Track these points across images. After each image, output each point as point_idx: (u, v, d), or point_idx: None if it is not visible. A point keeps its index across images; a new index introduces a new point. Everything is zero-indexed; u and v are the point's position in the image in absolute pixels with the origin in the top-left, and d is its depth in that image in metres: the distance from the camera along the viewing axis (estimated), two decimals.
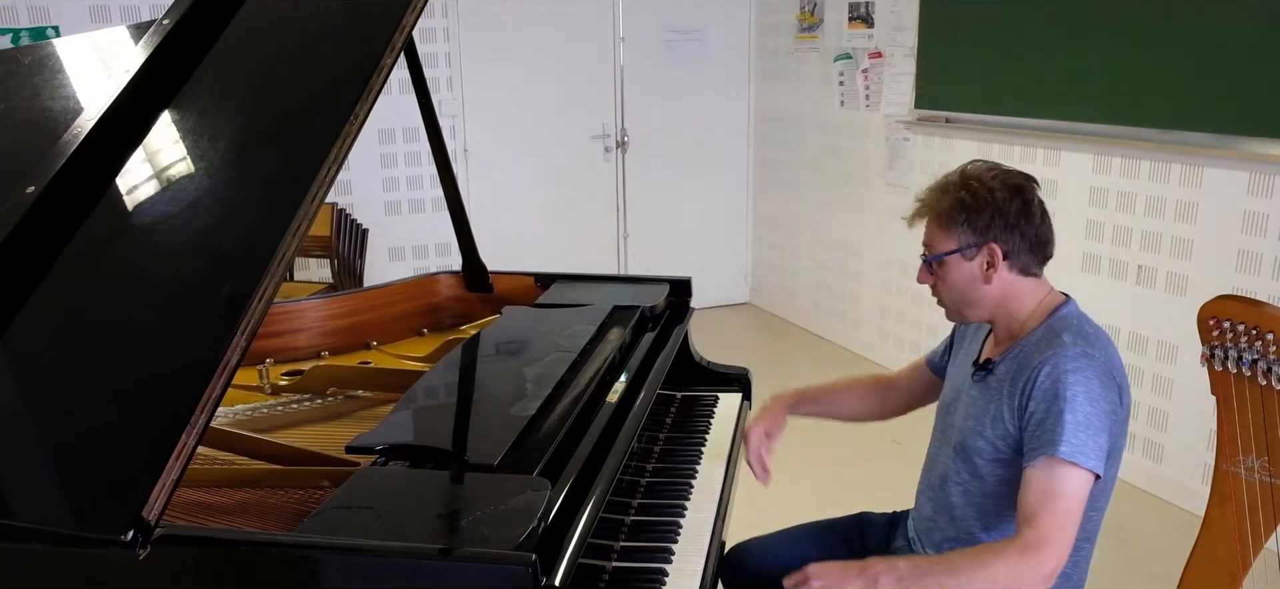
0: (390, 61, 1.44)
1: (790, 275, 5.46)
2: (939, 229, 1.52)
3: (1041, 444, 1.41)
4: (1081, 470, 1.39)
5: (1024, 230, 1.49)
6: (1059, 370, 1.42)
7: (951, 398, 1.67)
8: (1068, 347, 1.43)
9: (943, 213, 1.51)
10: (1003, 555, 1.39)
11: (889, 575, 1.41)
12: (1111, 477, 1.51)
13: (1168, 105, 3.13)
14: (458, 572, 1.09)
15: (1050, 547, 1.37)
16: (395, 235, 4.92)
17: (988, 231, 1.48)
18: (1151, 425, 3.34)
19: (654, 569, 1.49)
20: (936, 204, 1.52)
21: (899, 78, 4.36)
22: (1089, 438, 1.39)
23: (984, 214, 1.48)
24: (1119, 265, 3.40)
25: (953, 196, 1.50)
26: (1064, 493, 1.39)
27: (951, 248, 1.51)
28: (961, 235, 1.50)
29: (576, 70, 5.16)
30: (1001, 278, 1.50)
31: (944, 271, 1.53)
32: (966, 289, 1.52)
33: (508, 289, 2.35)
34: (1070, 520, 1.39)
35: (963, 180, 1.51)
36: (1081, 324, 1.49)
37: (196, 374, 1.12)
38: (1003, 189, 1.48)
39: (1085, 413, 1.39)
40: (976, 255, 1.50)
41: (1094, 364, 1.42)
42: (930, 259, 1.54)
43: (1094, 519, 1.52)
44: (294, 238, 1.25)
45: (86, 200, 1.37)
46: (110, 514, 1.05)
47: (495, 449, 1.35)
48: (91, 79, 1.57)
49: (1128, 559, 2.91)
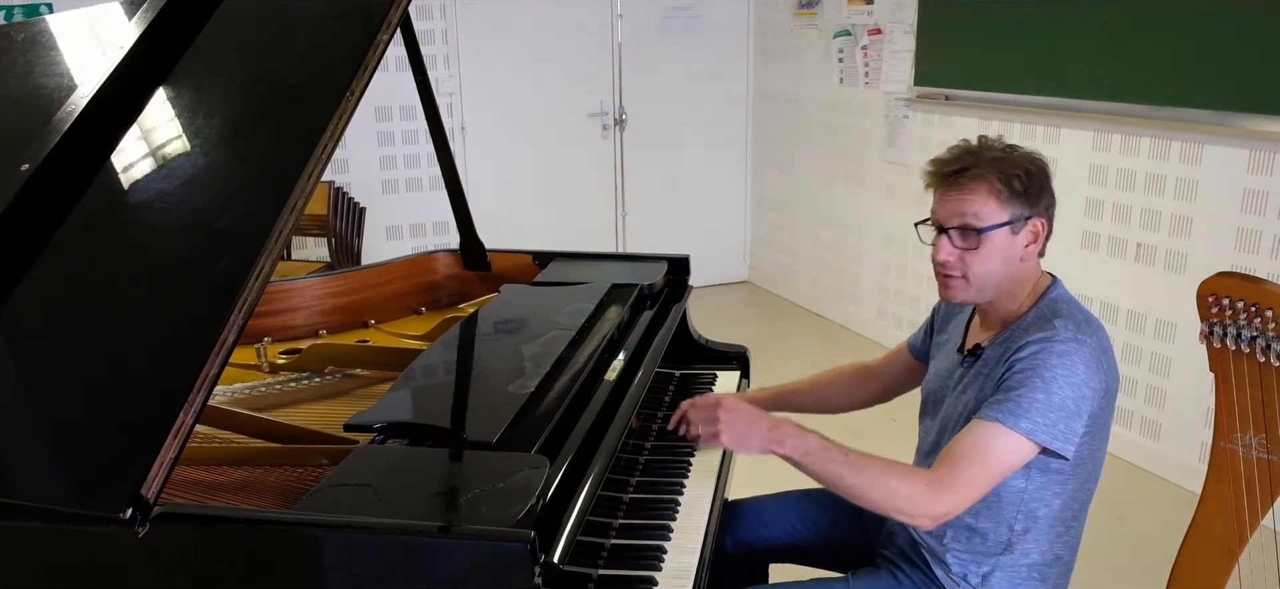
0: (386, 38, 1.43)
1: (789, 254, 5.45)
2: (991, 198, 1.42)
3: (1001, 411, 1.38)
4: (1026, 444, 1.38)
5: (1052, 212, 1.48)
6: (1046, 350, 1.39)
7: (938, 384, 1.65)
8: (1059, 331, 1.40)
9: (999, 180, 1.41)
10: (908, 478, 1.40)
11: (796, 441, 1.42)
12: (1099, 457, 1.50)
13: (1168, 82, 3.12)
14: (456, 549, 1.09)
15: (955, 493, 1.38)
16: (393, 214, 4.91)
17: (1038, 204, 1.44)
18: (1149, 403, 3.34)
19: (652, 546, 1.49)
20: (989, 172, 1.42)
21: (898, 55, 4.34)
22: (1060, 420, 1.38)
23: (1036, 186, 1.43)
24: (1118, 243, 3.40)
25: (1012, 164, 1.42)
26: (997, 456, 1.38)
27: (1003, 220, 1.42)
28: (1017, 206, 1.42)
29: (574, 48, 5.14)
30: (1031, 257, 1.47)
31: (985, 244, 1.43)
32: (1001, 265, 1.45)
33: (506, 267, 2.34)
34: (987, 481, 1.39)
35: (1008, 150, 1.45)
36: (1072, 308, 1.46)
37: (194, 352, 1.12)
38: (1040, 166, 1.46)
39: (1062, 396, 1.37)
40: (1022, 230, 1.44)
41: (1084, 349, 1.39)
42: (983, 230, 1.42)
43: (1081, 498, 1.52)
44: (291, 215, 1.24)
45: (81, 178, 1.37)
46: (109, 492, 1.05)
47: (494, 427, 1.36)
48: (85, 56, 1.56)
49: (1125, 536, 2.93)
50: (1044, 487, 1.48)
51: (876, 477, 1.40)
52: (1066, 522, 1.52)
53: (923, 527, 1.43)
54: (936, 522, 1.40)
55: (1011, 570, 1.52)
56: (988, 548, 1.52)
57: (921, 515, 1.39)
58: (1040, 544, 1.51)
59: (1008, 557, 1.51)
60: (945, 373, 1.63)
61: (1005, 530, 1.50)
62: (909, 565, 1.60)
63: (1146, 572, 2.62)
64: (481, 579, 1.09)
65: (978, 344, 1.56)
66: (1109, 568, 2.72)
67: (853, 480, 1.40)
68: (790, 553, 1.81)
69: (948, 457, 1.41)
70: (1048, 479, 1.47)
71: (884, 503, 1.40)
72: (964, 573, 1.54)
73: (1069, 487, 1.49)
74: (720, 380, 2.17)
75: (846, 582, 1.61)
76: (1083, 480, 1.50)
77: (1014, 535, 1.50)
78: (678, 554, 1.48)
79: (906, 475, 1.41)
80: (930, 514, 1.38)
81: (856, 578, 1.61)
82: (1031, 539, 1.51)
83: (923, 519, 1.40)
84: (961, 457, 1.39)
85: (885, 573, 1.62)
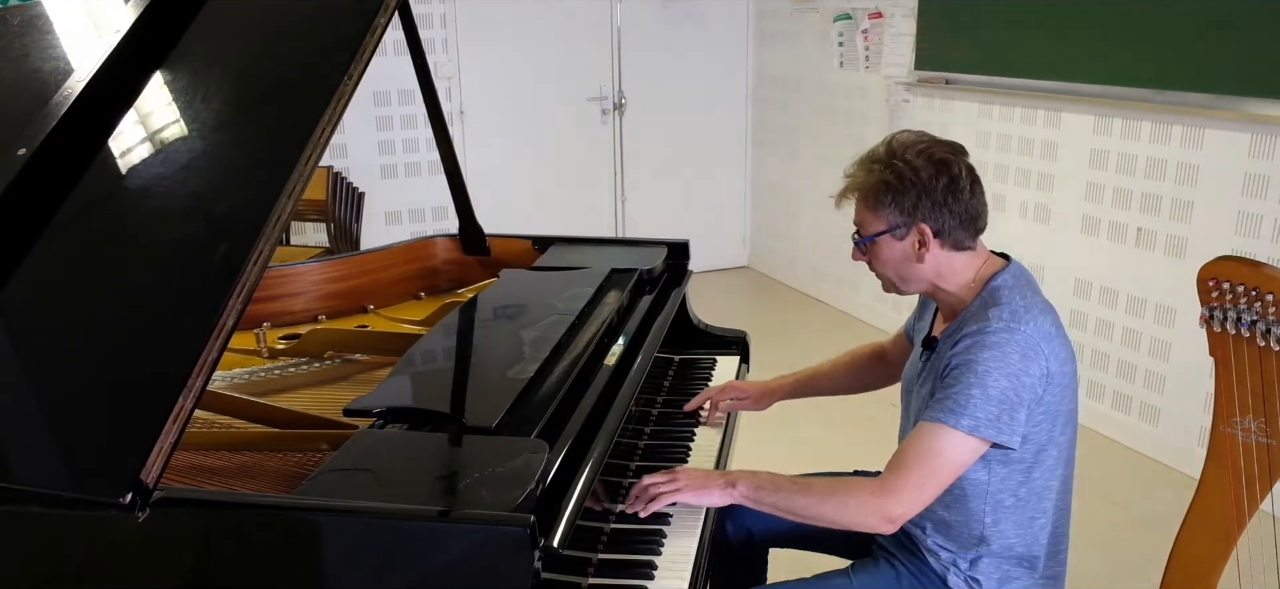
0: (385, 22, 1.42)
1: (789, 239, 5.45)
2: (866, 210, 1.49)
3: (942, 410, 1.40)
4: (971, 440, 1.39)
5: (952, 208, 1.44)
6: (977, 345, 1.40)
7: (909, 373, 1.66)
8: (992, 322, 1.40)
9: (868, 193, 1.47)
10: (856, 490, 1.44)
11: (747, 482, 1.49)
12: (1063, 440, 1.50)
13: (1169, 66, 3.11)
14: (456, 534, 1.10)
15: (903, 496, 1.40)
16: (392, 199, 4.91)
17: (915, 212, 1.44)
18: (1148, 388, 3.35)
19: (652, 531, 1.49)
20: (862, 183, 1.48)
21: (899, 38, 4.32)
22: (1002, 413, 1.38)
23: (909, 194, 1.44)
24: (1118, 227, 3.40)
25: (878, 176, 1.46)
26: (943, 456, 1.40)
27: (881, 229, 1.47)
28: (889, 216, 1.46)
29: (573, 32, 5.12)
30: (934, 255, 1.47)
31: (876, 251, 1.50)
32: (899, 267, 1.50)
33: (505, 252, 2.34)
34: (936, 482, 1.41)
35: (887, 158, 1.46)
36: (1012, 295, 1.45)
37: (193, 337, 1.12)
38: (928, 166, 1.43)
39: (1000, 388, 1.37)
40: (907, 235, 1.46)
41: (1016, 336, 1.39)
42: (861, 240, 1.51)
43: (1052, 484, 1.51)
44: (289, 200, 1.24)
45: (79, 163, 1.36)
46: (108, 477, 1.05)
47: (493, 412, 1.36)
48: (82, 40, 1.55)
49: (1124, 521, 2.93)
50: (1007, 477, 1.48)
51: (826, 495, 1.46)
52: (1042, 509, 1.51)
53: (882, 531, 1.45)
54: (894, 525, 1.43)
55: (997, 559, 1.52)
56: (964, 540, 1.53)
57: (876, 521, 1.42)
58: (1019, 534, 1.51)
59: (987, 547, 1.52)
60: (913, 362, 1.65)
61: (976, 522, 1.51)
62: (905, 554, 1.61)
63: (1145, 556, 2.63)
64: (481, 564, 1.09)
65: (934, 337, 1.57)
66: (1107, 553, 2.72)
67: (804, 502, 1.47)
68: (790, 538, 1.81)
69: (896, 460, 1.44)
70: (1010, 471, 1.47)
71: (838, 517, 1.45)
72: (953, 560, 1.55)
73: (1036, 475, 1.48)
74: (720, 365, 2.17)
75: (847, 576, 1.62)
76: (1049, 466, 1.49)
77: (986, 527, 1.51)
78: (677, 539, 1.48)
79: (854, 487, 1.46)
80: (884, 517, 1.41)
81: (857, 572, 1.62)
82: (1006, 530, 1.50)
83: (879, 524, 1.43)
84: (908, 459, 1.42)
85: (884, 565, 1.62)
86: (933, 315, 1.65)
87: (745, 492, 1.49)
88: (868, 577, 1.61)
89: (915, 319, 1.78)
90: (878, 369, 1.91)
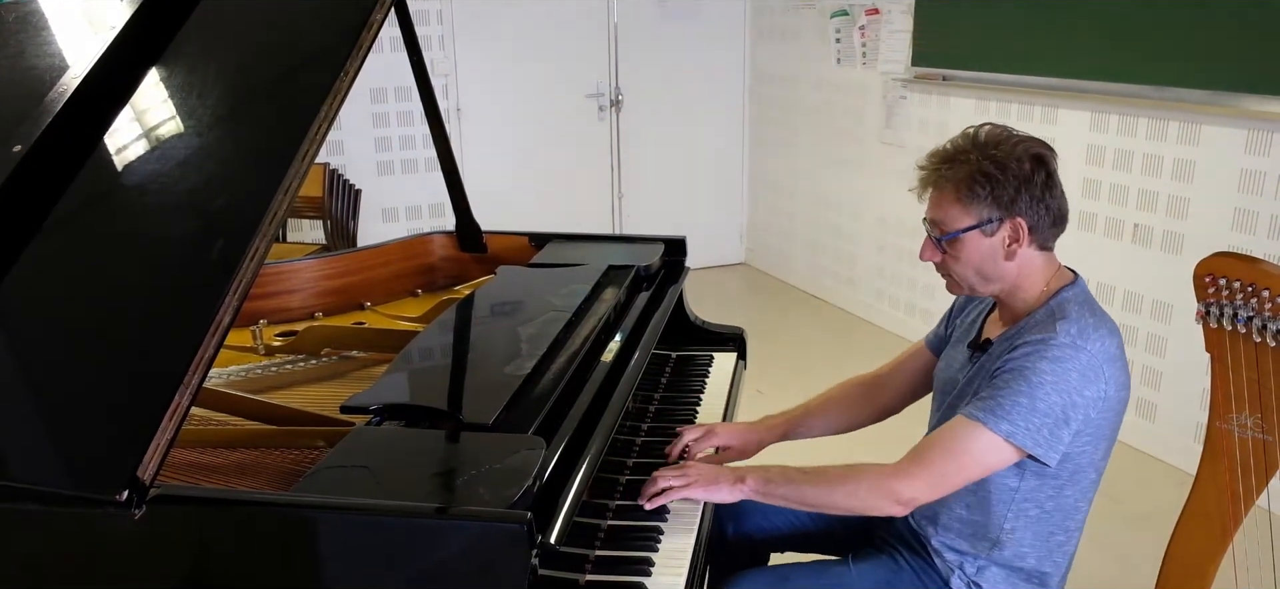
0: (381, 18, 1.42)
1: (786, 235, 5.45)
2: (955, 203, 1.40)
3: (983, 409, 1.37)
4: (1006, 447, 1.36)
5: (1048, 203, 1.40)
6: (1037, 355, 1.36)
7: (948, 373, 1.61)
8: (1059, 334, 1.36)
9: (961, 185, 1.39)
10: (868, 471, 1.42)
11: (757, 475, 1.47)
12: (1101, 466, 1.48)
13: (1166, 63, 3.11)
14: (453, 530, 1.09)
15: (920, 482, 1.38)
16: (388, 195, 4.90)
17: (1014, 205, 1.38)
18: (1145, 384, 3.35)
19: (650, 527, 1.49)
20: (953, 175, 1.40)
21: (896, 34, 4.32)
22: (1044, 426, 1.35)
23: (1009, 186, 1.37)
24: (1115, 224, 3.40)
25: (974, 166, 1.38)
26: (970, 454, 1.37)
27: (969, 224, 1.40)
28: (983, 209, 1.39)
29: (571, 29, 5.11)
30: (1023, 254, 1.42)
31: (958, 249, 1.43)
32: (983, 266, 1.43)
33: (502, 249, 2.34)
34: (959, 478, 1.39)
35: (982, 148, 1.40)
36: (1082, 311, 1.40)
37: (189, 334, 1.11)
38: (1027, 158, 1.39)
39: (1049, 402, 1.34)
40: (998, 231, 1.40)
41: (1081, 356, 1.35)
42: (944, 237, 1.43)
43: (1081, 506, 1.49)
44: (285, 196, 1.24)
45: (74, 160, 1.36)
46: (105, 474, 1.05)
47: (490, 409, 1.35)
48: (77, 36, 1.55)
49: (1120, 517, 2.94)
50: (1038, 489, 1.46)
51: (838, 480, 1.43)
52: (1065, 527, 1.49)
53: (894, 514, 1.43)
54: (904, 508, 1.40)
55: (1005, 570, 1.51)
56: (977, 541, 1.51)
57: (887, 503, 1.40)
58: (1035, 548, 1.49)
59: (999, 553, 1.50)
60: (956, 362, 1.60)
61: (995, 526, 1.49)
62: (909, 551, 1.60)
63: (1141, 552, 2.64)
64: (478, 560, 1.09)
65: (988, 339, 1.53)
66: (1104, 548, 2.73)
67: (814, 491, 1.44)
68: (792, 542, 1.79)
69: (922, 446, 1.42)
70: (1042, 482, 1.45)
71: (850, 502, 1.43)
72: (959, 564, 1.54)
73: (1067, 493, 1.46)
74: (717, 362, 2.17)
75: (847, 566, 1.61)
76: (1083, 488, 1.47)
77: (1003, 532, 1.49)
78: (674, 536, 1.48)
79: (866, 469, 1.43)
80: (895, 499, 1.39)
81: (857, 562, 1.61)
82: (1024, 541, 1.49)
83: (889, 506, 1.40)
84: (934, 448, 1.40)
85: (886, 558, 1.61)
86: (982, 315, 1.59)
87: (755, 486, 1.46)
88: (867, 566, 1.60)
89: (947, 323, 1.72)
90: (870, 401, 1.79)
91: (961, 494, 1.48)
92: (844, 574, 1.59)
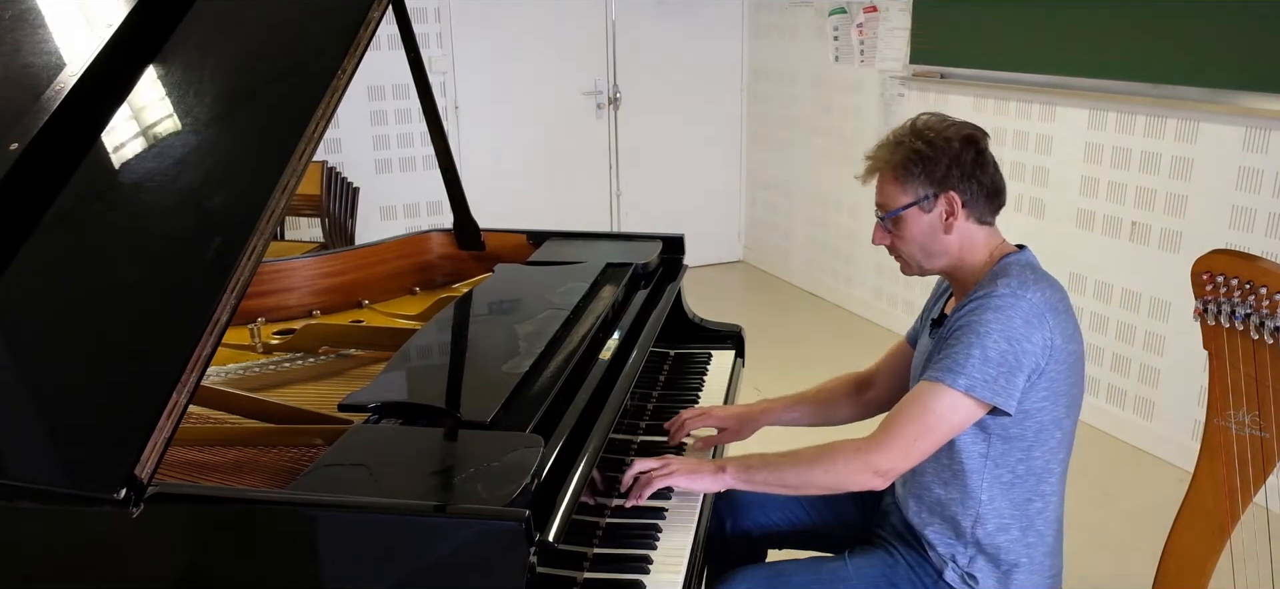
0: (378, 15, 1.42)
1: (784, 233, 5.45)
2: (894, 184, 1.51)
3: (940, 369, 1.43)
4: (967, 401, 1.41)
5: (980, 179, 1.49)
6: (981, 307, 1.43)
7: (919, 358, 1.67)
8: (999, 288, 1.44)
9: (897, 166, 1.51)
10: (842, 447, 1.47)
11: (737, 464, 1.52)
12: (1067, 425, 1.51)
13: (1164, 60, 3.11)
14: (451, 528, 1.09)
15: (893, 450, 1.43)
16: (386, 193, 4.89)
17: (946, 181, 1.48)
18: (1143, 382, 3.36)
19: (647, 525, 1.49)
20: (891, 158, 1.52)
21: (894, 32, 4.32)
22: (999, 375, 1.40)
23: (940, 163, 1.48)
24: (1113, 222, 3.40)
25: (907, 148, 1.50)
26: (937, 414, 1.42)
27: (907, 202, 1.50)
28: (918, 187, 1.49)
29: (568, 26, 5.11)
30: (960, 227, 1.50)
31: (901, 227, 1.52)
32: (926, 241, 1.52)
33: (500, 247, 2.33)
34: (929, 441, 1.44)
35: (919, 133, 1.50)
36: (1023, 271, 1.47)
37: (187, 332, 1.11)
38: (958, 139, 1.49)
39: (998, 349, 1.40)
40: (935, 206, 1.50)
41: (1021, 303, 1.41)
42: (886, 216, 1.53)
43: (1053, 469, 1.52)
44: (283, 194, 1.24)
45: (71, 158, 1.36)
46: (103, 472, 1.05)
47: (488, 407, 1.35)
48: (74, 34, 1.54)
49: (1117, 514, 2.94)
50: (1006, 453, 1.49)
51: (815, 459, 1.48)
52: (1040, 492, 1.51)
53: (873, 486, 1.46)
54: (884, 479, 1.44)
55: (993, 560, 1.52)
56: (959, 524, 1.53)
57: (865, 475, 1.44)
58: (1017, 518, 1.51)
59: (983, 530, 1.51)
60: (923, 347, 1.65)
61: (971, 498, 1.51)
62: (903, 545, 1.61)
63: (1139, 549, 2.64)
64: (476, 558, 1.09)
65: (944, 314, 1.58)
66: (1102, 546, 2.73)
67: (793, 472, 1.49)
68: (791, 538, 1.81)
69: (890, 416, 1.47)
70: (1009, 446, 1.48)
71: (828, 478, 1.47)
72: (951, 554, 1.55)
73: (1036, 454, 1.49)
74: (715, 360, 2.17)
75: (844, 561, 1.62)
76: (1051, 448, 1.50)
77: (981, 505, 1.51)
78: (673, 533, 1.49)
79: (841, 445, 1.47)
80: (873, 470, 1.44)
81: (853, 557, 1.62)
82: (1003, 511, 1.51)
83: (868, 479, 1.44)
84: (902, 416, 1.45)
85: (881, 551, 1.62)
86: (944, 300, 1.66)
87: (735, 474, 1.51)
88: (864, 561, 1.61)
89: (918, 320, 1.77)
90: (856, 398, 1.84)
91: (936, 471, 1.54)
92: (841, 570, 1.60)
